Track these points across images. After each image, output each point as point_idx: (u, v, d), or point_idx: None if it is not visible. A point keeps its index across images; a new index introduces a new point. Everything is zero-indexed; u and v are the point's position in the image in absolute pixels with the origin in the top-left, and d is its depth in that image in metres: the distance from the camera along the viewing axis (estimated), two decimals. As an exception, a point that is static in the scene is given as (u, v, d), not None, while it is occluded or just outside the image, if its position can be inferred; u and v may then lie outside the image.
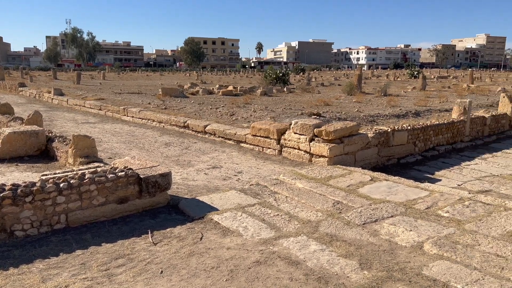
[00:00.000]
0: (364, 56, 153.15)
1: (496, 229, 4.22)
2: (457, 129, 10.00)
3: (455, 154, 9.25)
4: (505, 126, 12.02)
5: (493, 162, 8.47)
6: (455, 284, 3.11)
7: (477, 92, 22.03)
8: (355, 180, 6.00)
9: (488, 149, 9.78)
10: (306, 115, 11.18)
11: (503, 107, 12.32)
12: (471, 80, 33.38)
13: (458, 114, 10.32)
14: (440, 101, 16.42)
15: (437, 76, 49.07)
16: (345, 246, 3.80)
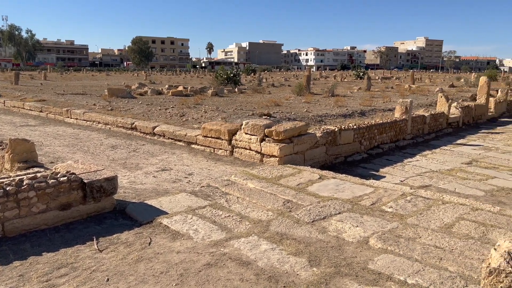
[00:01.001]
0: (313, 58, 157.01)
1: (435, 222, 4.47)
2: (399, 128, 10.50)
3: (398, 151, 9.69)
4: (443, 124, 12.79)
5: (432, 159, 8.97)
6: (398, 276, 3.26)
7: (418, 92, 23.27)
8: (305, 179, 6.13)
9: (428, 146, 10.35)
10: (257, 115, 11.25)
11: (441, 106, 13.11)
12: (412, 81, 35.24)
13: (401, 113, 10.84)
14: (384, 101, 17.17)
15: (381, 77, 51.32)
16: (295, 244, 3.86)
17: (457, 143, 10.87)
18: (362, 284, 3.14)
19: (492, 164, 8.44)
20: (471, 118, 14.53)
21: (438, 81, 42.96)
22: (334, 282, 3.18)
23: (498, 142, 10.96)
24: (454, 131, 12.75)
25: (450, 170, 7.90)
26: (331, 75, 60.15)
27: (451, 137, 11.74)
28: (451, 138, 11.65)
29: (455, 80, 42.46)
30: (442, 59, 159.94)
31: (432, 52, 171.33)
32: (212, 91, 19.38)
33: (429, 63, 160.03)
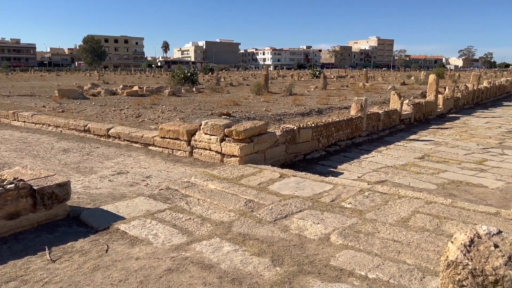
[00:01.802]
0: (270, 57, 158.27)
1: (392, 216, 4.61)
2: (355, 125, 10.78)
3: (354, 148, 9.94)
4: (396, 120, 13.27)
5: (387, 154, 9.28)
6: (359, 271, 3.31)
7: (372, 91, 24.04)
8: (266, 178, 6.12)
9: (382, 143, 10.69)
10: (216, 115, 11.15)
11: (394, 104, 13.60)
12: (366, 79, 36.37)
13: (356, 111, 11.13)
14: (339, 99, 17.58)
15: (336, 76, 52.59)
16: (257, 244, 3.83)
17: (409, 138, 11.31)
18: (325, 281, 3.17)
19: (443, 158, 8.85)
20: (422, 115, 15.18)
21: (390, 79, 44.65)
22: (297, 280, 3.18)
23: (447, 137, 11.51)
24: (407, 127, 13.27)
25: (404, 165, 8.19)
26: (288, 74, 60.90)
27: (404, 133, 12.20)
28: (404, 134, 12.11)
29: (406, 78, 44.27)
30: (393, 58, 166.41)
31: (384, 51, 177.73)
32: (169, 91, 19.02)
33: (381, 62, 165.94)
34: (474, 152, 9.50)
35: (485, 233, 2.00)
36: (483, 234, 2.00)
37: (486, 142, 10.77)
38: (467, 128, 13.31)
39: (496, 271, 1.78)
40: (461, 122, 14.70)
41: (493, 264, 1.80)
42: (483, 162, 8.46)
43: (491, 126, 13.79)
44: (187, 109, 12.64)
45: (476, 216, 4.63)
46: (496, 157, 9.01)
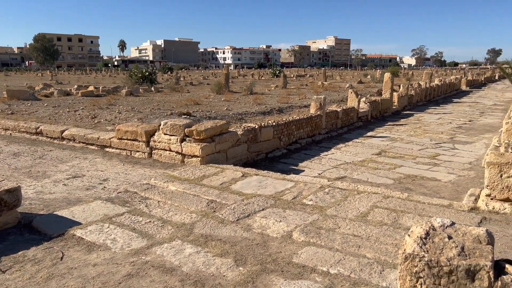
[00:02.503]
0: (230, 56, 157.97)
1: (352, 212, 4.71)
2: (315, 123, 10.95)
3: (314, 145, 10.10)
4: (354, 118, 13.61)
5: (346, 151, 9.49)
6: (321, 267, 3.35)
7: (330, 89, 24.54)
8: (228, 178, 6.09)
9: (341, 140, 10.93)
10: (176, 115, 10.97)
11: (351, 102, 13.94)
12: (325, 78, 37.10)
13: (315, 109, 11.31)
14: (299, 98, 17.81)
15: (296, 75, 53.27)
16: (220, 245, 3.79)
17: (367, 135, 11.63)
18: (288, 279, 3.18)
19: (399, 153, 9.16)
20: (378, 112, 15.66)
21: (347, 78, 45.80)
22: (260, 279, 3.18)
23: (402, 133, 11.94)
24: (364, 124, 13.64)
25: (363, 161, 8.41)
26: (249, 73, 61.03)
27: (361, 130, 12.54)
28: (361, 131, 12.43)
29: (362, 76, 45.56)
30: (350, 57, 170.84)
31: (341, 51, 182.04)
32: (126, 91, 18.51)
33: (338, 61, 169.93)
34: (428, 147, 9.91)
35: (439, 225, 2.08)
36: (438, 226, 2.07)
37: (438, 137, 11.26)
38: (420, 124, 13.87)
39: (450, 261, 1.84)
40: (415, 119, 15.29)
41: (447, 255, 1.87)
42: (436, 157, 8.84)
43: (442, 122, 14.44)
44: (145, 109, 12.35)
45: (431, 208, 4.82)
46: (448, 151, 9.45)
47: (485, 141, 10.73)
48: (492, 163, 4.72)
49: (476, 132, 12.24)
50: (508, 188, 4.63)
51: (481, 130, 12.63)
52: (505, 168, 4.62)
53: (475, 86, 38.51)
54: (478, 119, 15.29)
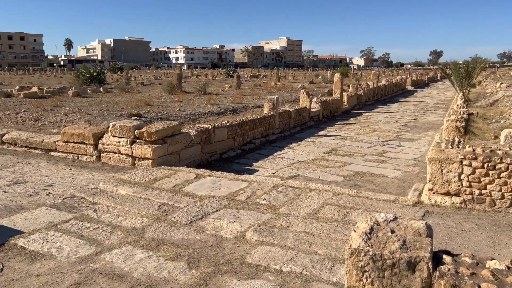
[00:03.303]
0: (183, 56, 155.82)
1: (304, 209, 4.80)
2: (268, 123, 11.06)
3: (268, 145, 10.20)
4: (306, 118, 13.89)
5: (298, 150, 9.66)
6: (274, 266, 3.39)
7: (283, 89, 24.88)
8: (181, 180, 6.00)
9: (294, 139, 11.12)
10: (126, 116, 10.66)
11: (303, 102, 14.21)
12: (278, 79, 37.56)
13: (269, 110, 11.42)
14: (253, 98, 17.91)
15: (250, 75, 53.51)
16: (172, 249, 3.73)
17: (318, 134, 11.91)
18: (241, 279, 3.19)
19: (348, 151, 9.46)
20: (329, 111, 16.09)
21: (300, 78, 46.63)
22: (213, 281, 3.16)
23: (352, 132, 12.34)
24: (316, 124, 13.96)
25: (314, 160, 8.60)
26: (202, 73, 60.53)
27: (313, 129, 12.81)
28: (313, 130, 12.71)
29: (314, 77, 46.59)
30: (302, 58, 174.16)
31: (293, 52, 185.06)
32: (73, 92, 17.73)
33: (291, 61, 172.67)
34: (376, 145, 10.31)
35: (383, 220, 2.16)
36: (382, 221, 2.16)
37: (385, 135, 11.75)
38: (369, 123, 14.40)
39: (393, 255, 1.93)
40: (364, 118, 15.86)
41: (390, 249, 1.95)
42: (383, 154, 9.22)
43: (389, 120, 15.09)
44: (93, 111, 11.89)
45: (378, 204, 5.02)
46: (394, 148, 9.88)
47: (428, 138, 11.33)
48: (433, 159, 5.00)
49: (420, 129, 12.90)
50: (448, 182, 4.92)
51: (425, 127, 13.32)
52: (445, 163, 4.91)
53: (419, 85, 40.62)
54: (422, 117, 16.12)
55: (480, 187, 4.78)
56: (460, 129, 8.43)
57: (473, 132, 8.85)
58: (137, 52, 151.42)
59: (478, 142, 7.63)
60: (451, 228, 4.29)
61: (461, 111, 10.55)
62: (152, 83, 31.89)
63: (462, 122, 8.81)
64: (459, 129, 8.40)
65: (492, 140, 8.03)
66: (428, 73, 58.54)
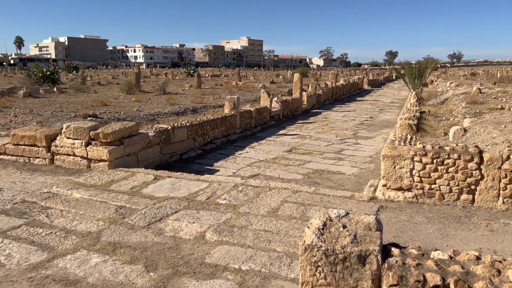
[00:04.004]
0: (142, 55, 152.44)
1: (264, 208, 4.85)
2: (229, 123, 11.05)
3: (229, 145, 10.19)
4: (267, 117, 14.00)
5: (259, 149, 9.73)
6: (233, 265, 3.40)
7: (244, 89, 24.96)
8: (139, 181, 5.89)
9: (255, 138, 11.18)
10: (81, 117, 10.31)
11: (264, 101, 14.32)
12: (239, 78, 37.61)
13: (230, 109, 11.42)
14: (214, 97, 17.85)
15: (211, 75, 53.24)
16: (129, 252, 3.65)
17: (279, 133, 12.04)
18: (200, 279, 3.18)
19: (308, 150, 9.63)
20: (290, 111, 16.30)
21: (261, 78, 46.93)
22: (172, 283, 3.13)
23: (311, 131, 12.57)
24: (277, 123, 14.10)
25: (275, 159, 8.69)
26: (162, 72, 59.53)
27: (274, 129, 12.94)
28: (274, 129, 12.83)
29: (275, 77, 47.03)
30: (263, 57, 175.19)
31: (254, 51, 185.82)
32: (24, 92, 16.92)
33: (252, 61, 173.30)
34: (334, 143, 10.56)
35: (335, 216, 2.23)
36: (334, 217, 2.23)
37: (343, 133, 12.06)
38: (327, 122, 14.73)
39: (344, 249, 1.99)
40: (322, 117, 16.20)
41: (341, 243, 2.02)
42: (341, 152, 9.46)
43: (347, 119, 15.50)
44: (46, 112, 11.41)
45: (335, 200, 5.16)
46: (351, 146, 10.16)
47: (383, 135, 11.73)
48: (387, 156, 5.19)
49: (376, 127, 13.34)
50: (401, 178, 5.13)
51: (380, 125, 13.79)
52: (398, 160, 5.12)
53: (376, 85, 41.99)
54: (378, 115, 16.68)
55: (430, 182, 5.02)
56: (413, 126, 8.81)
57: (425, 130, 9.27)
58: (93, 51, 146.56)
59: (429, 139, 8.00)
60: (404, 222, 4.48)
61: (413, 110, 11.02)
62: (109, 83, 31.00)
63: (415, 120, 9.22)
64: (412, 126, 8.78)
65: (442, 136, 8.44)
66: (384, 73, 60.63)
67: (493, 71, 52.06)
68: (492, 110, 10.56)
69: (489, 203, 4.88)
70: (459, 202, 4.95)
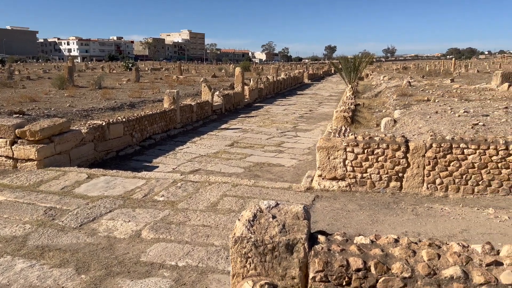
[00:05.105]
0: (76, 48, 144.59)
1: (203, 203, 4.82)
2: (169, 118, 10.83)
3: (170, 140, 10.00)
4: (209, 111, 13.90)
5: (201, 144, 9.65)
6: (170, 262, 3.36)
7: (185, 83, 24.53)
8: (71, 181, 5.60)
9: (197, 133, 11.06)
10: (6, 114, 9.58)
11: (205, 95, 14.20)
12: (180, 72, 36.92)
13: (169, 104, 11.18)
14: (153, 92, 17.37)
15: (151, 68, 51.75)
16: (59, 255, 3.48)
17: (221, 128, 12.01)
18: (134, 279, 3.10)
19: (249, 143, 9.71)
20: (232, 105, 16.31)
21: (203, 72, 46.37)
22: (105, 284, 3.02)
23: (253, 124, 12.68)
24: (219, 117, 14.05)
25: (216, 153, 8.67)
26: (99, 66, 56.89)
27: (216, 123, 12.89)
28: (216, 124, 12.78)
29: (217, 71, 46.71)
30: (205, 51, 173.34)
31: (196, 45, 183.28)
32: None
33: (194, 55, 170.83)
34: (274, 136, 10.73)
35: (266, 207, 2.27)
36: (264, 208, 2.27)
37: (283, 126, 12.29)
38: (269, 115, 14.93)
39: (273, 239, 2.04)
40: (264, 110, 16.39)
41: (270, 234, 2.06)
42: (281, 144, 9.65)
43: (288, 112, 15.80)
44: (-34, 109, 10.46)
45: (274, 192, 5.26)
46: (291, 139, 10.39)
47: (321, 128, 12.12)
48: (322, 147, 5.38)
49: (315, 120, 13.74)
50: (335, 168, 5.34)
51: (319, 118, 14.23)
52: (332, 151, 5.31)
53: (316, 79, 43.20)
54: (317, 108, 17.19)
55: (362, 171, 5.27)
56: (348, 119, 9.18)
57: (359, 121, 9.69)
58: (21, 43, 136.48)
59: (362, 130, 8.37)
60: (337, 210, 4.67)
61: (349, 102, 11.49)
62: (40, 77, 29.05)
63: (350, 113, 9.61)
64: (347, 119, 9.15)
65: (374, 128, 8.88)
66: (324, 67, 62.54)
67: (422, 65, 55.64)
68: (420, 101, 11.28)
69: (415, 189, 5.23)
70: (388, 189, 5.25)
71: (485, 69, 44.16)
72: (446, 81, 20.05)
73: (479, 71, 38.19)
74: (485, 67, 49.59)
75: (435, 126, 7.36)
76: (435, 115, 8.65)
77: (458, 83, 18.36)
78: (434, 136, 5.25)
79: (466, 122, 7.57)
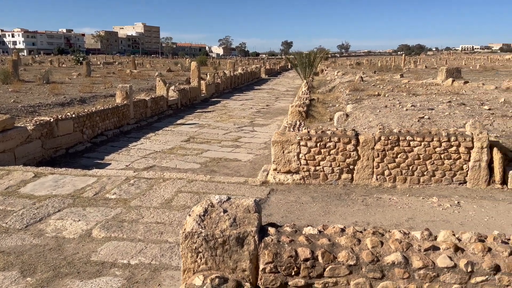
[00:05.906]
0: (22, 40, 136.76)
1: (157, 200, 4.75)
2: (122, 113, 10.54)
3: (123, 136, 9.74)
4: (164, 106, 13.65)
5: (155, 140, 9.47)
6: (121, 260, 3.29)
7: (139, 77, 23.93)
8: (16, 180, 5.33)
9: (151, 129, 10.84)
10: None
11: (160, 90, 13.93)
12: (134, 66, 35.95)
13: (122, 99, 10.87)
14: (105, 86, 16.80)
15: (103, 62, 49.97)
16: (2, 258, 3.31)
17: (177, 123, 11.84)
18: (84, 279, 3.01)
19: (206, 139, 9.65)
20: (188, 100, 16.11)
21: (158, 66, 45.36)
22: (52, 286, 2.92)
23: (210, 119, 12.60)
24: (174, 113, 13.83)
25: (172, 149, 8.55)
26: (47, 60, 54.15)
27: (172, 118, 12.69)
28: (172, 119, 12.59)
29: (173, 65, 45.85)
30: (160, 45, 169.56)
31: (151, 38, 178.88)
32: None
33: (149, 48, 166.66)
34: (232, 131, 10.73)
35: (217, 202, 2.28)
36: (216, 202, 2.28)
37: (241, 121, 12.32)
38: (226, 110, 14.89)
39: (223, 233, 2.06)
40: (221, 105, 16.32)
41: (221, 228, 2.08)
42: (238, 139, 9.66)
43: (245, 107, 15.84)
44: None
45: (229, 187, 5.27)
46: (248, 134, 10.44)
47: (278, 123, 12.25)
48: (276, 142, 5.45)
49: (272, 115, 13.88)
50: (289, 161, 5.43)
51: (276, 113, 14.37)
52: (286, 145, 5.40)
53: (273, 74, 43.54)
54: (274, 103, 17.35)
55: (315, 164, 5.40)
56: (302, 113, 9.35)
57: (314, 116, 9.90)
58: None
59: (316, 124, 8.56)
60: (292, 202, 4.76)
61: (304, 97, 11.70)
62: (-19, 71, 27.23)
63: (304, 107, 9.79)
64: (302, 113, 9.31)
65: (328, 122, 9.10)
66: (280, 62, 63.13)
67: (375, 61, 57.60)
68: (371, 96, 11.68)
69: (365, 181, 5.43)
70: (340, 181, 5.42)
71: (432, 65, 46.46)
72: (396, 76, 20.88)
73: (427, 66, 40.09)
74: (432, 63, 52.19)
75: (384, 119, 7.66)
76: (385, 109, 9.00)
77: (407, 78, 19.17)
78: (382, 129, 5.46)
79: (413, 116, 7.95)
